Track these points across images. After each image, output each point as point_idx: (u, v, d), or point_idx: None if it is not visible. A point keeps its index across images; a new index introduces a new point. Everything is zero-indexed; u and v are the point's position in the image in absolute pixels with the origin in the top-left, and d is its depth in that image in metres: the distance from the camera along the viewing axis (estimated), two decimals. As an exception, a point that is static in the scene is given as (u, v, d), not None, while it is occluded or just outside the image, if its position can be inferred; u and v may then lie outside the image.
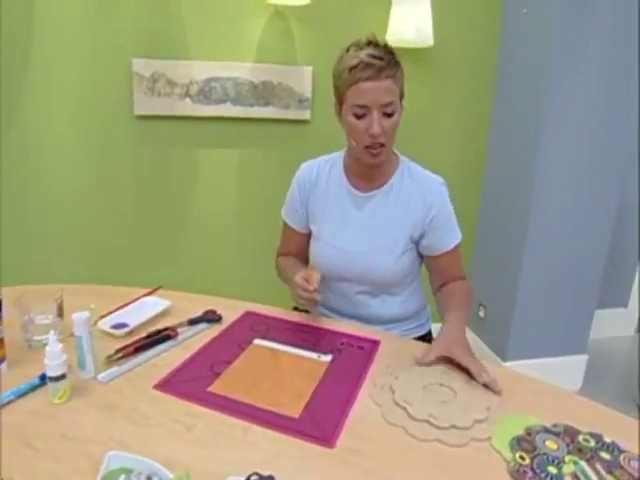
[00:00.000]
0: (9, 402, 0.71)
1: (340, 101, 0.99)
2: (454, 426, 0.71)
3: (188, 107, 1.76)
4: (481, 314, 2.20)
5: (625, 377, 2.15)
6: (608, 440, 0.70)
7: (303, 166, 1.16)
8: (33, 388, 0.75)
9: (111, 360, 0.84)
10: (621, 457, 0.67)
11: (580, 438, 0.71)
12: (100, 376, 0.79)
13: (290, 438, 0.68)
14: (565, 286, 1.96)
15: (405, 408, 0.75)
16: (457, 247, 1.08)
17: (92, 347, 0.78)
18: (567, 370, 2.03)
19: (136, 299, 1.08)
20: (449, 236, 1.06)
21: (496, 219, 2.08)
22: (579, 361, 2.08)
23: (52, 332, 0.71)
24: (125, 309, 1.02)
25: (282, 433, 0.69)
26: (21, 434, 0.66)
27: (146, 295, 1.11)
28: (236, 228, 1.97)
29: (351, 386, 0.81)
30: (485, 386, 0.81)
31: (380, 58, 0.90)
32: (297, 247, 1.19)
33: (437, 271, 1.11)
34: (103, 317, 0.98)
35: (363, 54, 0.90)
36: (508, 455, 0.66)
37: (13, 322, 0.85)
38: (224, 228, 1.96)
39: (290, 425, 0.70)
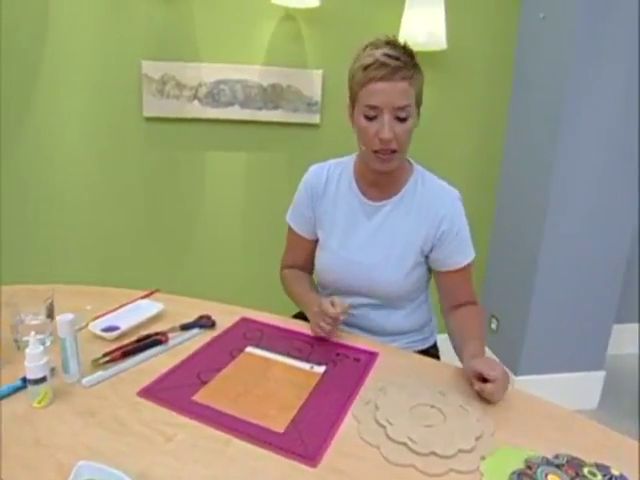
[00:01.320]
0: (-11, 404, 0.70)
1: (353, 102, 0.95)
2: (434, 453, 0.66)
3: (196, 109, 1.75)
4: (493, 326, 2.13)
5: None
6: (616, 473, 0.65)
7: (312, 169, 1.11)
8: (16, 390, 0.73)
9: (97, 364, 0.82)
10: (630, 490, 0.62)
11: (585, 471, 0.65)
12: (84, 380, 0.77)
13: (272, 454, 0.64)
14: (582, 298, 1.87)
15: (385, 427, 0.71)
16: (469, 266, 1.02)
17: (76, 350, 0.77)
18: (583, 387, 1.94)
19: (131, 302, 1.06)
20: (460, 253, 1.00)
21: (511, 228, 2.01)
22: (596, 378, 1.99)
23: (33, 333, 0.70)
24: (119, 311, 1.00)
25: (264, 448, 0.65)
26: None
27: (142, 298, 1.09)
28: (243, 232, 1.95)
29: (342, 400, 0.77)
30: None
31: (396, 58, 0.85)
32: (303, 256, 1.14)
33: (446, 289, 1.05)
34: (96, 318, 0.97)
35: (379, 53, 0.86)
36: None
37: (3, 322, 0.84)
38: (231, 231, 1.94)
39: (273, 440, 0.67)
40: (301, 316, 1.24)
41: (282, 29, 1.75)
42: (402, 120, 0.89)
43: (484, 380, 0.77)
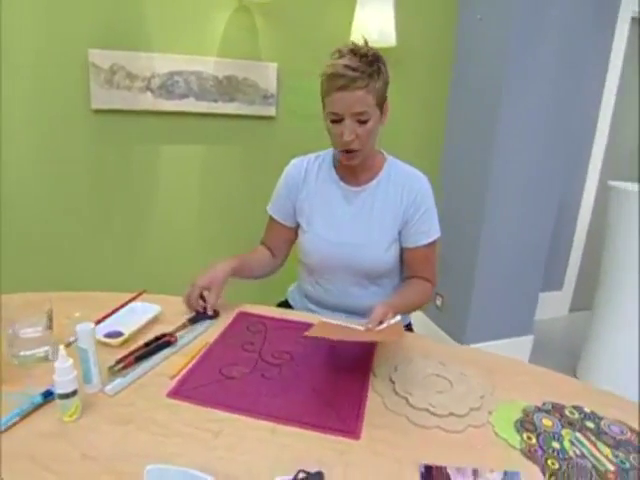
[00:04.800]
0: (13, 424, 0.66)
1: (323, 104, 1.03)
2: (452, 414, 0.76)
3: (149, 101, 1.67)
4: (438, 303, 2.33)
5: (565, 352, 2.39)
6: (588, 410, 0.80)
7: (292, 162, 1.19)
8: (37, 406, 0.70)
9: (113, 371, 0.80)
10: (602, 424, 0.77)
11: (566, 412, 0.79)
12: (107, 388, 0.76)
13: (316, 434, 0.70)
14: (514, 272, 2.13)
15: (406, 398, 0.80)
16: (433, 244, 1.13)
17: (97, 359, 0.74)
18: (517, 350, 2.22)
19: (122, 305, 1.03)
20: (426, 231, 1.11)
21: (453, 213, 2.21)
22: (527, 341, 2.29)
23: (62, 347, 0.67)
24: (115, 316, 0.97)
25: (308, 430, 0.70)
26: (35, 457, 0.62)
27: (131, 300, 1.06)
28: (199, 226, 1.92)
29: (360, 378, 0.84)
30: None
31: (355, 69, 0.93)
32: (276, 240, 1.22)
33: (409, 265, 1.16)
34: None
35: (340, 64, 0.94)
36: (515, 440, 0.71)
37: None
38: (187, 226, 1.90)
39: (314, 421, 0.72)
40: (285, 304, 1.29)
41: (236, 21, 1.73)
42: (363, 122, 0.98)
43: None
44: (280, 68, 1.82)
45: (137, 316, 0.97)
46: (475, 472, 0.64)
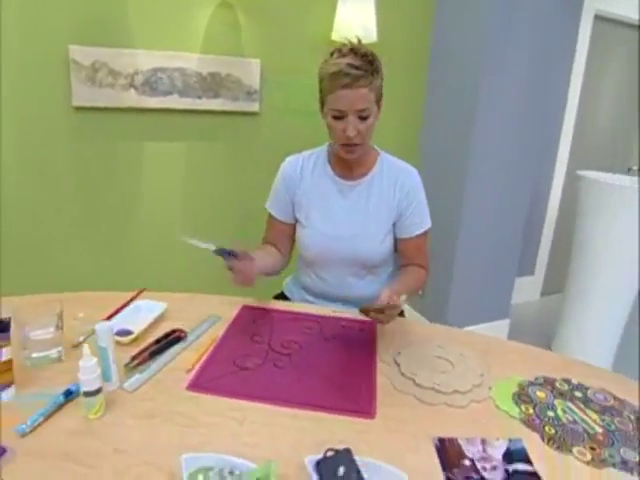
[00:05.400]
0: (38, 424, 0.67)
1: (322, 102, 1.07)
2: (456, 391, 0.83)
3: (133, 98, 1.66)
4: (419, 292, 2.41)
5: (539, 333, 2.53)
6: (575, 382, 0.88)
7: (288, 159, 1.21)
8: (59, 406, 0.70)
9: (129, 368, 0.81)
10: (588, 393, 0.85)
11: (557, 384, 0.87)
12: (126, 385, 0.77)
13: (335, 416, 0.74)
14: (493, 260, 2.24)
15: (412, 378, 0.85)
16: (426, 233, 1.20)
17: (115, 357, 0.76)
18: (495, 333, 2.32)
19: (125, 304, 1.03)
20: (419, 222, 1.18)
21: (433, 205, 2.27)
22: (504, 325, 2.41)
23: (86, 346, 0.68)
24: (120, 315, 0.97)
25: (327, 412, 0.74)
26: (68, 454, 0.63)
27: (133, 299, 1.07)
28: (185, 223, 1.91)
29: (367, 363, 0.89)
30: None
31: (358, 68, 0.97)
32: (280, 236, 1.24)
33: (404, 254, 1.22)
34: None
35: (344, 62, 0.97)
36: (515, 411, 0.78)
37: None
38: (172, 223, 1.89)
39: (332, 404, 0.76)
40: (281, 297, 1.32)
41: (218, 17, 1.72)
42: (364, 119, 1.03)
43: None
44: (263, 64, 1.83)
45: (143, 314, 0.98)
46: (483, 441, 0.70)
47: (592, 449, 0.70)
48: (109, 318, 0.97)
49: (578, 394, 0.84)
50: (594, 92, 2.69)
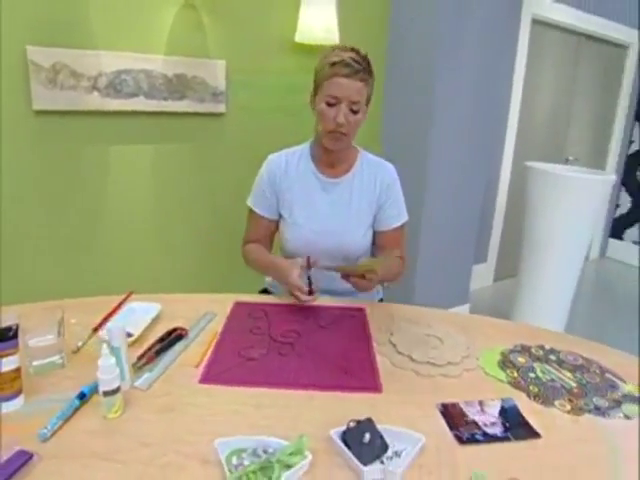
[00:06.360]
0: (58, 428, 0.67)
1: (316, 89, 1.12)
2: (449, 363, 0.91)
3: (97, 101, 1.61)
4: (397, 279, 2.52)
5: (496, 316, 2.71)
6: (547, 347, 0.99)
7: (271, 157, 1.24)
8: (75, 409, 0.70)
9: (137, 368, 0.82)
10: (561, 355, 0.96)
11: (533, 350, 0.97)
12: (138, 383, 0.78)
13: (345, 394, 0.79)
14: (452, 249, 2.38)
15: (409, 355, 0.93)
16: (403, 226, 1.28)
17: (127, 357, 0.76)
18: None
19: (116, 308, 1.02)
20: (396, 215, 1.25)
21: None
22: (464, 310, 2.56)
23: (105, 345, 0.68)
24: (115, 318, 0.97)
25: (339, 391, 0.80)
26: (95, 452, 0.64)
27: (122, 302, 1.06)
28: (154, 226, 1.88)
29: (364, 345, 0.95)
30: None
31: (359, 63, 1.05)
32: (265, 233, 1.27)
33: (380, 245, 1.28)
34: (96, 329, 0.93)
35: (346, 55, 1.05)
36: (502, 375, 0.87)
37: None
38: (141, 227, 1.85)
39: (342, 384, 0.81)
40: (264, 292, 1.35)
41: (183, 18, 1.72)
42: (354, 112, 1.09)
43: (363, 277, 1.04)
44: (229, 65, 1.84)
45: (139, 316, 0.97)
46: (481, 403, 0.78)
47: (570, 401, 0.81)
48: (103, 322, 0.96)
49: (552, 357, 0.95)
50: (533, 90, 2.93)
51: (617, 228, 3.84)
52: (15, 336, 0.70)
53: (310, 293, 1.07)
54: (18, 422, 0.68)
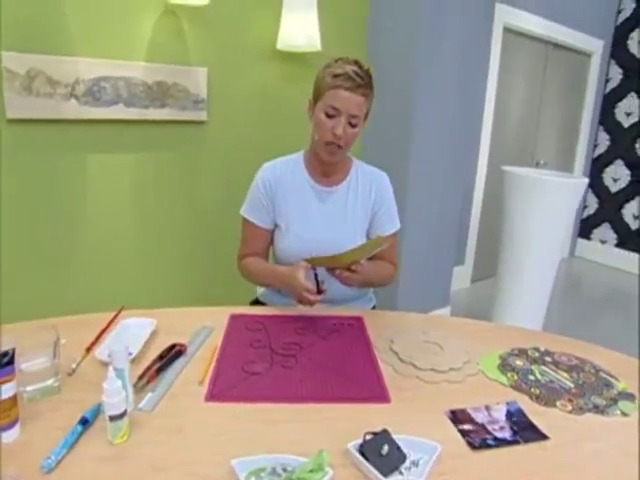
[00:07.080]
0: (63, 457, 0.63)
1: (316, 99, 1.11)
2: (452, 369, 0.92)
3: (75, 109, 1.55)
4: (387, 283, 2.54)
5: (475, 317, 2.77)
6: (542, 349, 1.02)
7: (265, 166, 1.22)
8: (78, 436, 0.67)
9: (137, 388, 0.79)
10: (555, 356, 0.99)
11: (529, 353, 1.00)
12: (141, 405, 0.75)
13: (354, 405, 0.79)
14: (433, 252, 2.42)
15: (412, 363, 0.93)
16: (395, 234, 1.29)
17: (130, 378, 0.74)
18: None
19: (108, 325, 0.99)
20: (390, 223, 1.27)
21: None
22: (446, 311, 2.61)
23: (111, 368, 0.66)
24: (111, 336, 0.93)
25: (348, 403, 0.79)
26: (104, 479, 0.61)
27: (113, 319, 1.02)
28: (135, 236, 1.83)
29: (366, 354, 0.95)
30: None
31: (361, 77, 1.05)
32: (262, 245, 1.25)
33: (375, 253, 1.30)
34: (89, 349, 0.89)
35: (349, 68, 1.05)
36: (503, 379, 0.89)
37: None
38: (122, 237, 1.79)
39: (350, 395, 0.81)
40: (256, 303, 1.33)
41: (163, 25, 1.68)
42: (352, 126, 1.10)
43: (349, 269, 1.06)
44: (210, 73, 1.82)
45: (136, 332, 0.94)
46: (487, 407, 0.80)
47: (570, 401, 0.83)
48: (96, 341, 0.92)
49: (548, 359, 0.98)
50: (506, 96, 3.03)
51: (585, 228, 4.01)
52: (12, 361, 0.66)
53: (319, 292, 1.06)
54: (18, 453, 0.64)
